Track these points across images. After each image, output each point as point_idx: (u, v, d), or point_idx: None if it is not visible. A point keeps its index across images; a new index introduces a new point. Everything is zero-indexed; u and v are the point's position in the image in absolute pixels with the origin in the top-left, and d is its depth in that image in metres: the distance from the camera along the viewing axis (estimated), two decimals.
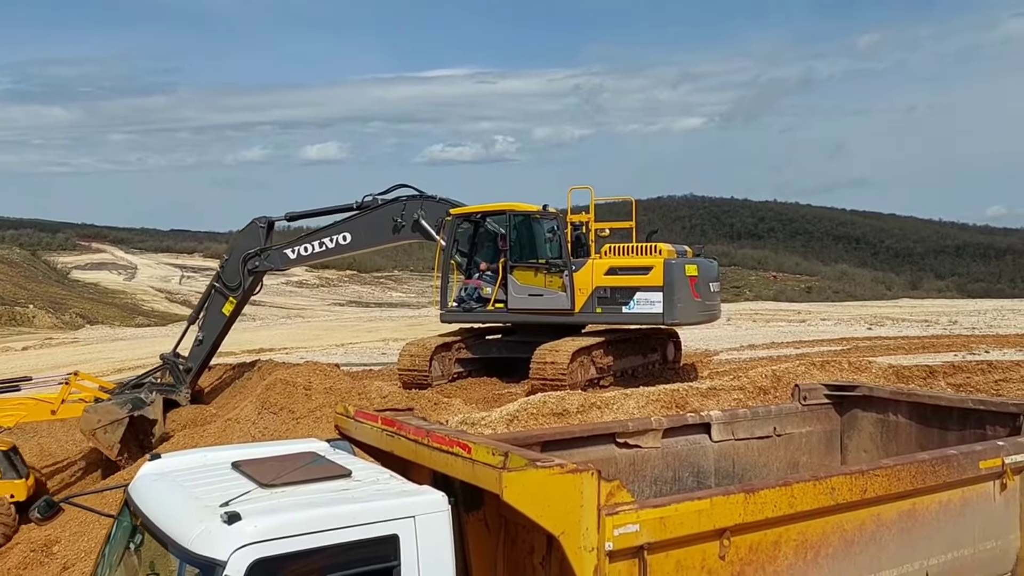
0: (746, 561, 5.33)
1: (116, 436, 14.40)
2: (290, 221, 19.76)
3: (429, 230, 17.43)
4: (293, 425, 11.68)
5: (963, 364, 14.51)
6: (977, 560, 6.51)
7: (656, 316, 15.59)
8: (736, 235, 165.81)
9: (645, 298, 15.45)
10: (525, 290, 16.05)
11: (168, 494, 4.87)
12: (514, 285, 16.08)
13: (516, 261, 16.19)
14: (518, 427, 10.36)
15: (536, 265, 16.14)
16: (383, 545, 4.45)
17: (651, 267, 15.46)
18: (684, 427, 8.10)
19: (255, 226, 18.74)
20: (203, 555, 4.12)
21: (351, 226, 18.24)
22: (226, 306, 18.34)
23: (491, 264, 16.71)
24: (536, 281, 16.07)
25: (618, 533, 4.77)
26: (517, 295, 16.07)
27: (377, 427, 5.99)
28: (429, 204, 17.73)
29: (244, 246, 18.65)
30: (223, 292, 18.50)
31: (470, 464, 4.88)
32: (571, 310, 15.81)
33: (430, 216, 17.52)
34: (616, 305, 15.60)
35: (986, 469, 6.45)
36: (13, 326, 60.71)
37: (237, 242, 19.17)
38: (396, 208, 17.83)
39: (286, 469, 4.96)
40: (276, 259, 18.66)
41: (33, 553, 11.66)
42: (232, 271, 18.51)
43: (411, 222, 17.65)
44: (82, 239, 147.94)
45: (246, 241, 18.73)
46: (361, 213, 18.15)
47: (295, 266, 19.59)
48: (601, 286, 15.66)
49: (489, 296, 16.28)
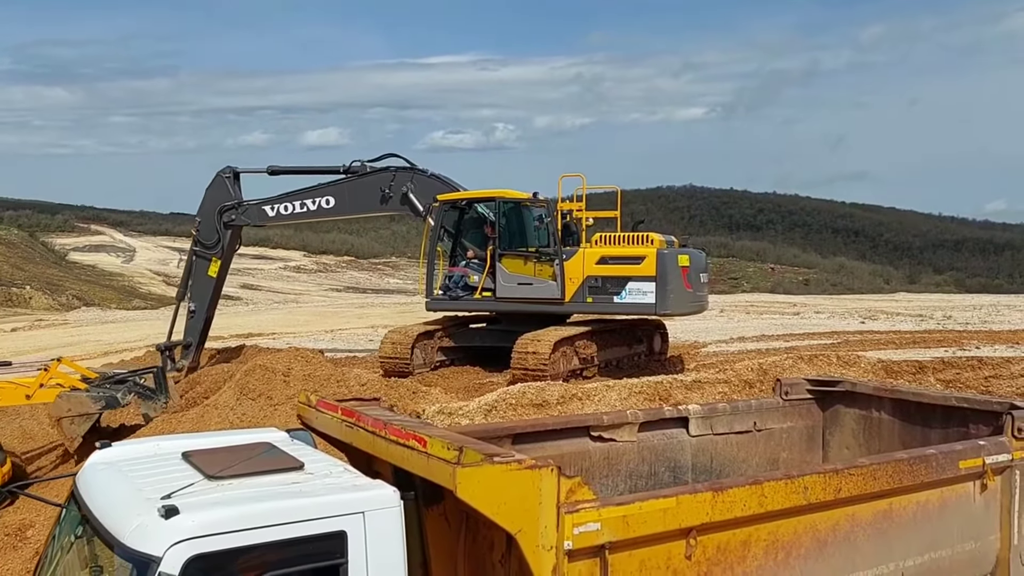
0: (713, 561, 5.18)
1: (81, 429, 13.81)
2: (271, 175, 18.71)
3: (417, 205, 17.09)
4: (271, 412, 11.55)
5: (953, 360, 14.39)
6: (955, 562, 6.37)
7: (648, 306, 15.48)
8: (735, 227, 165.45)
9: (637, 288, 15.35)
10: (514, 279, 15.91)
11: (111, 485, 4.71)
12: (503, 273, 15.93)
13: (505, 249, 16.03)
14: (496, 417, 10.22)
15: (526, 253, 16.00)
16: (330, 542, 4.28)
17: (643, 257, 15.35)
18: (661, 421, 7.93)
19: (221, 179, 17.99)
20: (138, 550, 3.96)
21: (336, 190, 17.75)
22: (211, 268, 17.63)
23: (478, 252, 16.53)
24: (525, 270, 15.92)
25: (578, 532, 4.61)
26: (506, 284, 15.93)
27: (337, 417, 5.82)
28: (420, 178, 17.35)
29: (215, 200, 17.88)
30: (204, 255, 17.84)
31: (425, 458, 4.72)
32: (561, 299, 15.66)
33: (419, 191, 17.14)
34: (607, 295, 15.49)
35: (966, 469, 6.29)
36: (10, 307, 60.53)
37: (206, 198, 18.22)
38: (385, 178, 17.42)
39: (236, 460, 4.79)
40: (254, 215, 17.99)
41: (7, 537, 11.51)
42: (208, 228, 17.80)
43: (399, 194, 17.30)
44: (81, 221, 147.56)
45: (216, 195, 17.97)
46: (348, 178, 17.67)
47: (273, 224, 19.00)
48: (592, 275, 15.53)
49: (476, 284, 16.11)
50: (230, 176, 17.92)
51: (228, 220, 17.79)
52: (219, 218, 17.68)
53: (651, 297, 15.31)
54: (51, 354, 24.00)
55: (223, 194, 17.83)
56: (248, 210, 17.90)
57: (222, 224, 17.73)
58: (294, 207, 17.79)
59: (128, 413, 14.60)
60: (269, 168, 18.35)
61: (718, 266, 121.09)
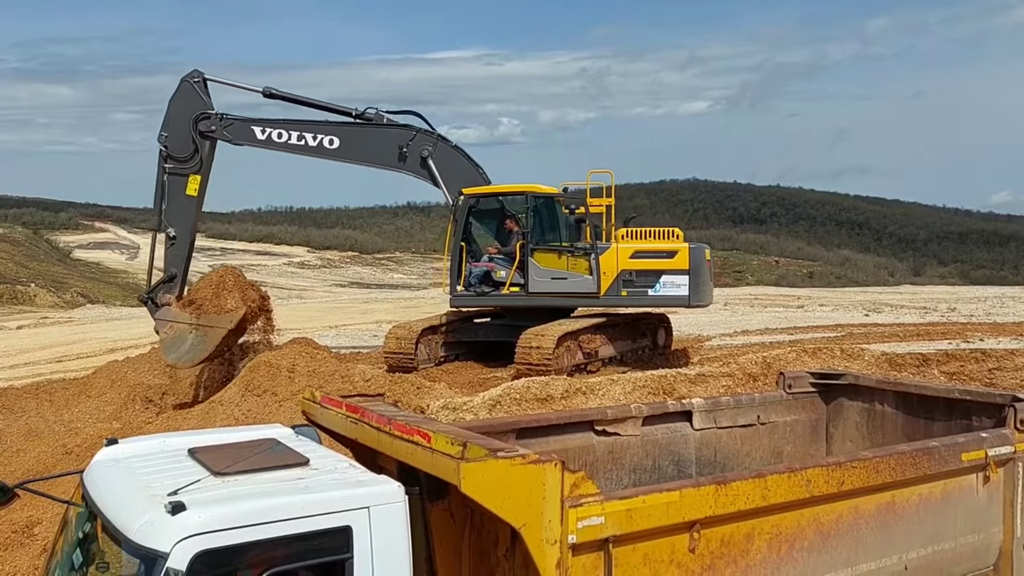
0: (717, 554, 5.20)
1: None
2: (268, 97, 16.32)
3: (436, 173, 16.07)
4: (276, 408, 11.56)
5: (957, 352, 14.37)
6: (958, 554, 6.39)
7: (682, 299, 16.32)
8: (739, 220, 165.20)
9: (671, 281, 16.12)
10: (547, 273, 16.12)
11: (118, 481, 4.73)
12: (535, 268, 16.08)
13: (537, 243, 16.14)
14: (500, 412, 10.24)
15: (559, 248, 16.26)
16: (335, 537, 4.31)
17: (676, 251, 16.27)
18: (665, 415, 7.96)
19: (189, 86, 15.61)
20: (146, 546, 3.99)
21: (344, 132, 16.15)
22: (189, 186, 15.30)
23: (503, 247, 16.55)
24: (559, 264, 16.22)
25: (582, 526, 4.64)
26: (539, 278, 16.09)
27: (342, 413, 5.85)
28: (443, 147, 16.36)
29: (186, 108, 15.54)
30: (180, 171, 15.37)
31: (430, 453, 4.75)
32: (597, 293, 16.10)
33: (440, 159, 16.13)
34: (641, 288, 16.13)
35: (969, 461, 6.31)
36: (15, 304, 60.74)
37: (172, 108, 15.72)
38: (404, 134, 16.13)
39: (242, 456, 4.82)
40: (239, 131, 15.88)
41: (14, 534, 11.56)
42: (181, 141, 15.37)
43: (417, 156, 16.06)
44: (85, 218, 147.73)
45: (185, 103, 15.59)
46: (359, 123, 16.19)
47: (259, 147, 16.37)
48: (626, 269, 16.08)
49: (503, 279, 16.17)
50: (199, 81, 15.65)
51: (207, 130, 15.55)
52: (195, 128, 15.38)
53: (684, 290, 16.11)
54: (56, 352, 24.12)
55: (194, 102, 15.53)
56: (233, 125, 15.75)
57: (198, 134, 15.44)
58: (290, 137, 15.93)
59: None
60: (266, 89, 16.12)
61: (722, 259, 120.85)
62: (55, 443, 15.14)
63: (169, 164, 15.34)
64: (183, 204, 15.33)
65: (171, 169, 15.34)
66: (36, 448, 15.48)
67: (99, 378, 17.26)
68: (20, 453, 14.73)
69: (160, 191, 15.38)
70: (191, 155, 15.32)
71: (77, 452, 14.56)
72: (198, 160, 15.37)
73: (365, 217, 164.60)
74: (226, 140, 15.83)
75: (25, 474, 13.78)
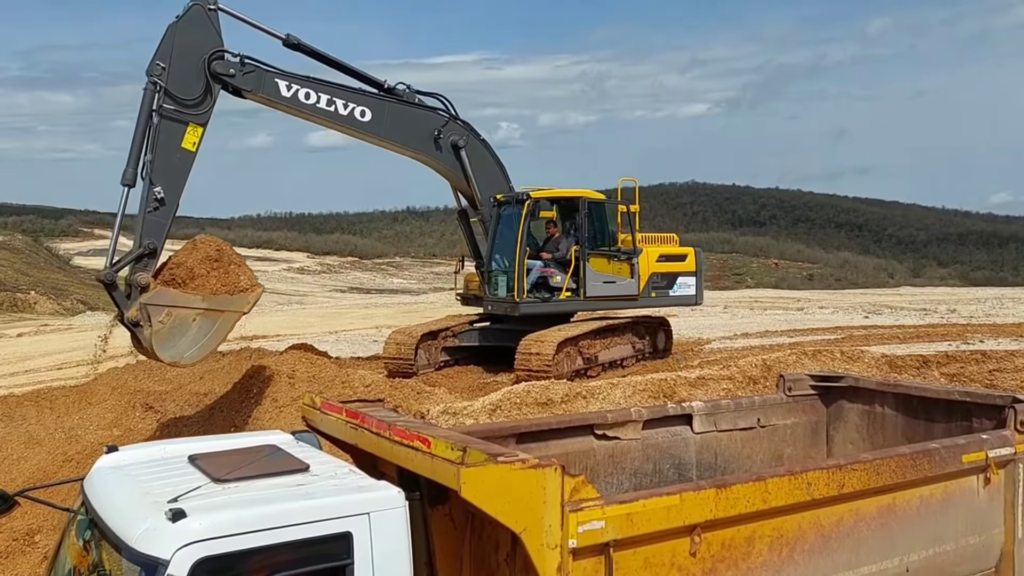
0: (718, 558, 5.20)
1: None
2: (289, 47, 13.85)
3: (468, 166, 15.29)
4: (276, 414, 11.59)
5: (957, 354, 14.37)
6: (960, 555, 6.39)
7: (691, 299, 17.71)
8: (738, 222, 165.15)
9: (684, 282, 17.52)
10: (600, 277, 16.50)
11: (118, 489, 4.74)
12: (591, 273, 16.36)
13: (591, 248, 16.45)
14: (500, 417, 10.25)
15: (608, 252, 16.68)
16: (336, 543, 4.31)
17: (686, 255, 17.60)
18: (665, 418, 7.96)
19: (201, 11, 12.62)
20: (146, 553, 3.99)
21: (377, 105, 14.36)
22: (187, 137, 12.18)
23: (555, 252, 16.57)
24: (609, 268, 16.69)
25: (582, 530, 4.64)
26: (593, 283, 16.40)
27: (342, 419, 5.85)
28: (474, 141, 15.60)
29: (198, 40, 12.59)
30: (178, 116, 12.17)
31: (429, 458, 4.75)
32: (636, 296, 16.91)
33: (471, 152, 15.34)
34: (664, 290, 17.21)
35: (969, 463, 6.31)
36: (14, 312, 60.61)
37: (180, 35, 12.51)
38: (436, 120, 15.16)
39: (242, 463, 4.82)
40: (261, 82, 13.33)
41: (15, 542, 11.57)
42: (185, 79, 12.31)
43: (451, 146, 15.10)
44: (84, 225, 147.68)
45: (198, 33, 12.62)
46: (389, 97, 14.61)
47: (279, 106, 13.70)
48: (655, 272, 17.09)
49: (559, 285, 16.25)
50: (213, 10, 12.75)
51: (223, 72, 12.72)
52: (207, 66, 12.52)
53: (692, 290, 17.52)
54: (56, 359, 24.11)
55: (207, 34, 12.63)
56: (254, 73, 13.16)
57: (210, 75, 12.57)
58: (319, 100, 13.69)
59: None
60: (289, 37, 13.62)
61: (721, 262, 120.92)
62: (56, 450, 15.15)
63: (168, 103, 12.11)
64: (176, 159, 12.14)
65: (168, 112, 12.12)
66: (37, 455, 15.49)
67: (99, 385, 17.25)
68: (21, 461, 14.73)
69: (143, 137, 11.88)
70: (199, 99, 12.36)
71: (78, 459, 14.56)
72: (208, 107, 12.48)
73: (365, 222, 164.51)
74: (240, 89, 13.18)
75: (26, 482, 13.79)
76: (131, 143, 11.88)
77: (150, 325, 10.95)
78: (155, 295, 11.12)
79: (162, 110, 12.07)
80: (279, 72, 13.49)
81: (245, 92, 13.32)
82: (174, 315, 11.07)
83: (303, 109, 13.67)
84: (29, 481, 13.99)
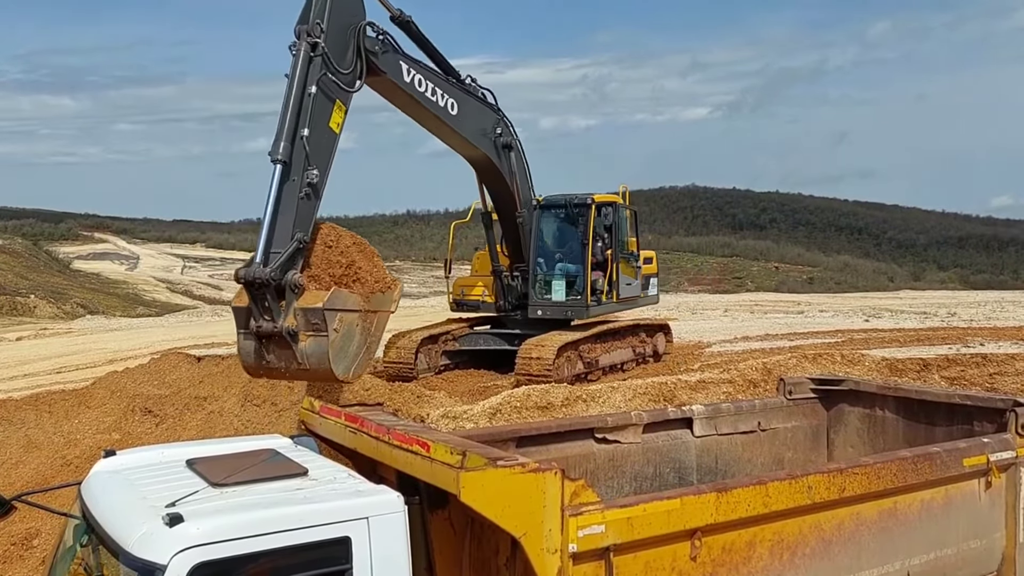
0: (719, 562, 5.18)
1: None
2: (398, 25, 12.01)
3: (514, 165, 14.69)
4: (276, 418, 11.56)
5: (957, 357, 14.36)
6: (961, 559, 6.37)
7: (656, 299, 18.66)
8: (738, 226, 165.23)
9: (654, 283, 18.31)
10: (625, 280, 16.93)
11: (116, 493, 4.72)
12: (622, 276, 16.77)
13: (618, 252, 16.82)
14: (500, 420, 10.23)
15: (626, 255, 17.16)
16: (334, 548, 4.29)
17: (652, 258, 18.35)
18: (665, 422, 7.95)
19: None
20: (143, 558, 3.97)
21: (462, 98, 13.21)
22: (335, 115, 10.30)
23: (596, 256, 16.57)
24: (629, 272, 17.19)
25: (583, 534, 4.63)
26: (625, 286, 16.88)
27: (341, 423, 5.83)
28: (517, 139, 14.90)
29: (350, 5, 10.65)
30: (332, 90, 10.16)
31: (429, 463, 4.73)
32: (639, 297, 17.76)
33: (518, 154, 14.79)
34: (647, 290, 17.90)
35: (970, 467, 6.30)
36: (14, 316, 60.69)
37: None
38: (493, 117, 14.14)
39: (240, 467, 4.80)
40: (390, 63, 11.55)
41: (13, 547, 11.54)
42: (339, 46, 10.34)
43: (502, 144, 14.31)
44: (84, 229, 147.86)
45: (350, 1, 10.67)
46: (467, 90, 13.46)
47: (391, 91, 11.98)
48: (647, 274, 17.88)
49: (602, 288, 16.41)
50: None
51: (369, 49, 10.86)
52: (358, 39, 10.69)
53: (656, 290, 18.51)
54: (55, 363, 24.09)
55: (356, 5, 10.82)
56: (387, 53, 11.37)
57: (358, 49, 10.72)
58: (426, 89, 12.28)
59: None
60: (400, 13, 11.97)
61: (722, 265, 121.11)
62: (54, 454, 15.12)
63: (327, 73, 10.11)
64: (324, 139, 10.15)
65: (325, 83, 10.09)
66: (35, 460, 15.45)
67: (99, 389, 17.24)
68: (19, 465, 14.70)
69: (299, 107, 9.76)
70: (352, 74, 10.52)
71: (76, 463, 14.53)
72: (358, 86, 10.71)
73: (365, 226, 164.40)
74: (381, 72, 11.47)
75: (24, 486, 13.75)
76: (282, 113, 9.72)
77: (322, 334, 8.76)
78: (332, 297, 8.90)
79: (321, 82, 10.06)
80: (404, 54, 11.88)
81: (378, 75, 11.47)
82: (345, 321, 9.07)
83: (412, 98, 12.14)
84: (27, 485, 13.95)
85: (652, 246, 21.21)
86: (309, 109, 9.70)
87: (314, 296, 8.91)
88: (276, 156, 9.43)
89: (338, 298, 8.91)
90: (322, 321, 8.65)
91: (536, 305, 15.97)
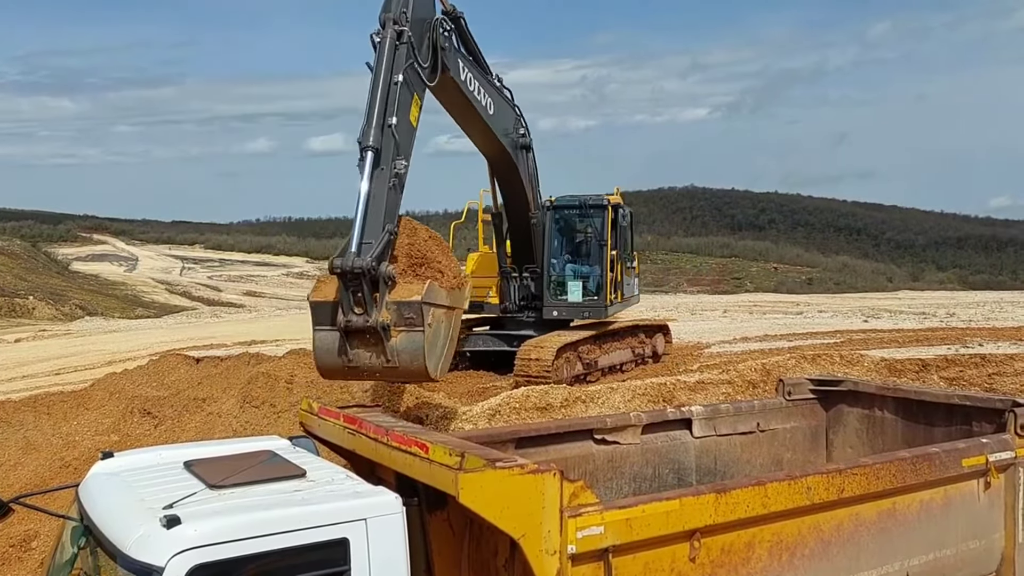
0: (718, 563, 5.18)
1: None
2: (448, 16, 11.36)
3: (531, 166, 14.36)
4: (275, 419, 11.56)
5: (956, 357, 14.32)
6: (960, 560, 6.37)
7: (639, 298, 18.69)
8: (737, 226, 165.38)
9: (638, 283, 18.55)
10: (626, 280, 16.97)
11: (113, 495, 4.71)
12: (626, 276, 16.86)
13: (623, 252, 16.85)
14: (500, 422, 10.22)
15: (625, 256, 17.08)
16: (332, 549, 4.29)
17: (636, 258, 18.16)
18: (664, 423, 7.95)
19: None
20: (140, 560, 3.95)
21: (496, 97, 12.83)
22: (413, 108, 9.94)
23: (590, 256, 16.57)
24: (628, 272, 17.21)
25: (581, 536, 4.63)
26: (628, 285, 16.95)
27: (339, 424, 5.83)
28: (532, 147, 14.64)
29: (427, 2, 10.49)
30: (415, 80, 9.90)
31: (428, 464, 4.72)
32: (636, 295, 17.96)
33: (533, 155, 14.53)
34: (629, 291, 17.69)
35: (969, 467, 6.31)
36: (13, 317, 60.69)
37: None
38: (515, 116, 13.74)
39: (238, 469, 4.79)
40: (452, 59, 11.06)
41: (11, 548, 11.53)
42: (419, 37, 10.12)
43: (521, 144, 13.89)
44: (83, 230, 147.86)
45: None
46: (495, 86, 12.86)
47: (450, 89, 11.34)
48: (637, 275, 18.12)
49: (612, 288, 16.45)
50: None
51: (441, 45, 10.58)
52: (433, 34, 10.45)
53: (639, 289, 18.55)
54: (54, 365, 24.06)
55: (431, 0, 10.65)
56: (451, 51, 11.00)
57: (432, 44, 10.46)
58: (476, 88, 11.92)
59: None
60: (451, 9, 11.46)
61: (721, 266, 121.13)
62: (53, 456, 15.12)
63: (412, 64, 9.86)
64: (405, 131, 9.73)
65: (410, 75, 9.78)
66: (34, 461, 15.45)
67: (97, 391, 17.23)
68: (18, 466, 14.70)
69: (386, 95, 9.49)
70: (430, 67, 10.31)
71: (75, 465, 14.53)
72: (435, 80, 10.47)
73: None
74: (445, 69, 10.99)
75: (23, 487, 13.74)
76: (369, 101, 9.48)
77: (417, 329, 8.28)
78: (428, 291, 8.39)
79: (406, 74, 9.71)
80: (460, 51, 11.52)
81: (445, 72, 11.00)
82: (436, 316, 8.66)
83: (461, 96, 11.69)
84: (26, 487, 13.94)
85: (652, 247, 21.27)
86: (397, 97, 9.43)
87: (408, 289, 8.46)
88: (367, 143, 9.12)
89: (433, 292, 8.53)
90: (418, 315, 8.26)
91: (551, 306, 15.87)
